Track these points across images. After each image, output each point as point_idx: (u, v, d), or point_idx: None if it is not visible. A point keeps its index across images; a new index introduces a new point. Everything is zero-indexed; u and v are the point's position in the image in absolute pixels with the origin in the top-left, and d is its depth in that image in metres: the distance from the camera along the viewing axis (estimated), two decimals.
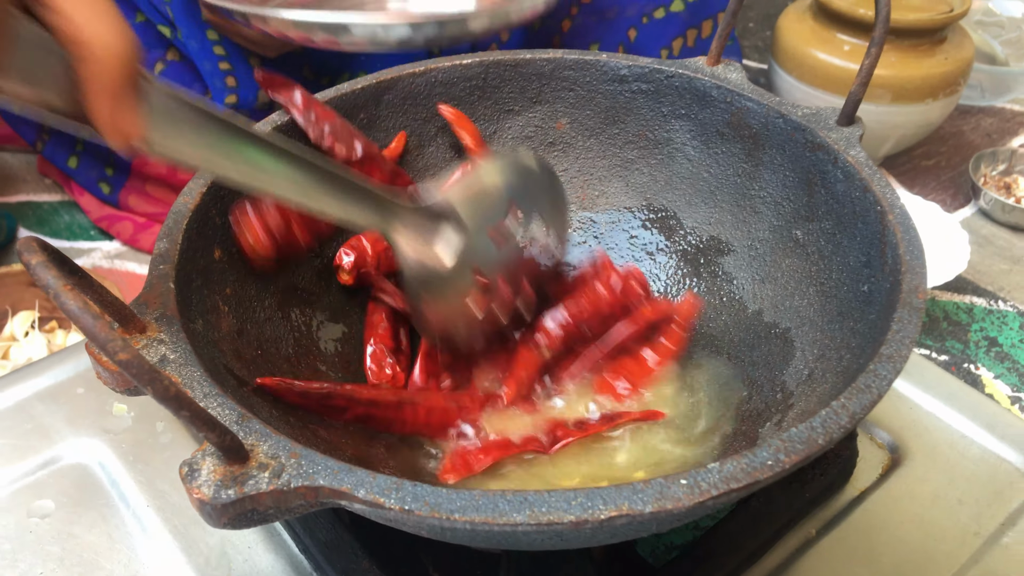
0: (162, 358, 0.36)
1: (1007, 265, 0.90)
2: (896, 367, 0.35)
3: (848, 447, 0.51)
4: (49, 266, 0.29)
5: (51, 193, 0.97)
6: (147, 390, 0.28)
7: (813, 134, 0.48)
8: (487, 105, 0.58)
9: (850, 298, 0.44)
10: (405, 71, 0.55)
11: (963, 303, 0.85)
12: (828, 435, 0.33)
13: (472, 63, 0.56)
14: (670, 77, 0.55)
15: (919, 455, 0.54)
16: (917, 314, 0.37)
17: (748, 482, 0.31)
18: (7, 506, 0.51)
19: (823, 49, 0.91)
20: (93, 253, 0.88)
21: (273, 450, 0.32)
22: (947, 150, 1.08)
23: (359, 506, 0.31)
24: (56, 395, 0.57)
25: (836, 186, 0.47)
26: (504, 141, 0.59)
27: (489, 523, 0.30)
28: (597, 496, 0.30)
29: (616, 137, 0.58)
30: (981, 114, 1.15)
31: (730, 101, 0.53)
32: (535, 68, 0.57)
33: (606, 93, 0.57)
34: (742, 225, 0.54)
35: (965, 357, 0.79)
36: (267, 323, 0.48)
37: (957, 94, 0.93)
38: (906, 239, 0.41)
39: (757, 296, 0.52)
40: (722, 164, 0.55)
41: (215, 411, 0.34)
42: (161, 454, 0.53)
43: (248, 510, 0.31)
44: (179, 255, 0.41)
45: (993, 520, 0.50)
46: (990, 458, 0.53)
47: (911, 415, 0.56)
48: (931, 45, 0.91)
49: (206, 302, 0.43)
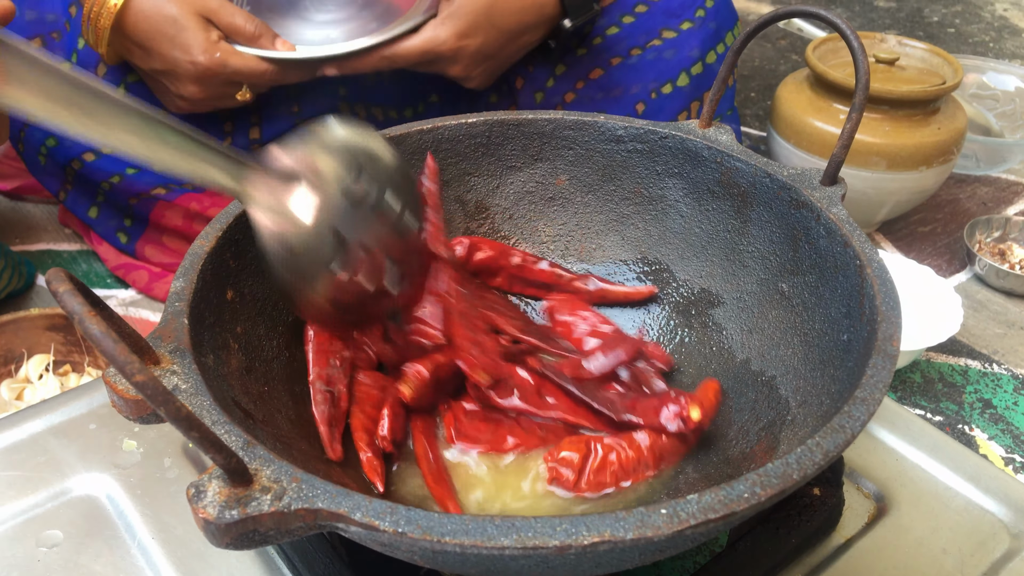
0: (174, 387, 0.38)
1: (1001, 329, 0.91)
2: (869, 409, 0.37)
3: (835, 495, 0.52)
4: (75, 294, 0.31)
5: (70, 242, 1.00)
6: (160, 411, 0.30)
7: (798, 192, 0.51)
8: (491, 161, 0.61)
9: (831, 347, 0.46)
10: (413, 128, 0.58)
11: (958, 365, 0.86)
12: (803, 471, 0.34)
13: (477, 122, 0.59)
14: (664, 138, 0.58)
15: (904, 505, 0.55)
16: (891, 360, 0.39)
17: (725, 512, 0.32)
18: (17, 535, 0.52)
19: (819, 118, 0.95)
20: (109, 300, 0.91)
21: (276, 474, 0.34)
22: (943, 217, 1.11)
23: (355, 529, 0.33)
24: (69, 430, 0.59)
25: (819, 241, 0.49)
26: (507, 195, 0.62)
27: (478, 546, 0.31)
28: (581, 523, 0.31)
29: (613, 193, 0.61)
30: (977, 183, 1.18)
31: (720, 161, 0.55)
32: (537, 128, 0.60)
33: (603, 152, 0.60)
34: (731, 278, 0.56)
35: (960, 418, 0.80)
36: (274, 361, 0.50)
37: (951, 162, 0.96)
38: (883, 291, 0.43)
39: (745, 346, 0.54)
40: (713, 220, 0.57)
41: (223, 436, 0.35)
42: (167, 488, 0.55)
43: (250, 530, 0.33)
44: (194, 294, 0.43)
45: (976, 569, 0.51)
46: (974, 509, 0.54)
47: (897, 466, 0.57)
48: (925, 115, 0.94)
49: (217, 339, 0.45)
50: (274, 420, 0.46)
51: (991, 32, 1.69)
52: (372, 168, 0.51)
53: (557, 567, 0.36)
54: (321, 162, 0.48)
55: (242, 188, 0.46)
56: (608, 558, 0.35)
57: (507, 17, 0.76)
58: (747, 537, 0.49)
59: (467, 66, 0.78)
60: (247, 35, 0.73)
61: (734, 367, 0.53)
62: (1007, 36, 1.67)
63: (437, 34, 0.74)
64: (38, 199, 1.06)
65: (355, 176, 0.50)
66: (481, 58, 0.78)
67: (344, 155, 0.49)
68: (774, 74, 1.50)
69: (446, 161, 0.60)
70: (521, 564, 0.35)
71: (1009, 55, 1.59)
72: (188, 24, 0.71)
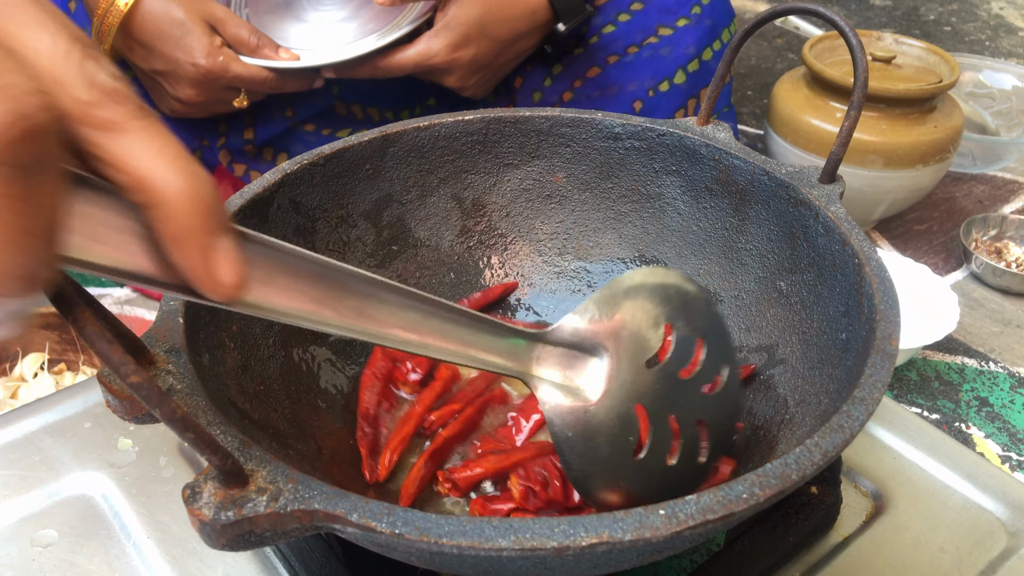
0: (169, 388, 0.37)
1: (998, 327, 0.91)
2: (868, 409, 0.37)
3: (832, 493, 0.52)
4: (69, 293, 0.30)
5: None
6: (155, 412, 0.29)
7: (796, 191, 0.51)
8: (488, 158, 0.61)
9: (829, 346, 0.46)
10: (410, 125, 0.58)
11: (955, 364, 0.86)
12: (801, 471, 0.34)
13: (474, 119, 0.59)
14: (662, 135, 0.57)
15: (902, 503, 0.55)
16: (890, 359, 0.39)
17: (724, 514, 0.32)
18: (12, 535, 0.52)
19: (816, 116, 0.95)
20: (104, 299, 0.90)
21: (272, 475, 0.33)
22: (939, 215, 1.11)
23: (352, 530, 0.32)
24: (63, 429, 0.59)
25: (817, 240, 0.49)
26: (504, 193, 0.62)
27: (476, 547, 0.31)
28: (579, 524, 0.31)
29: (610, 191, 0.61)
30: (973, 181, 1.18)
31: (718, 159, 0.55)
32: (534, 125, 0.60)
33: (601, 150, 0.60)
34: (729, 276, 0.56)
35: (956, 416, 0.80)
36: (270, 360, 0.49)
37: (947, 161, 0.96)
38: (881, 289, 0.42)
39: (743, 345, 0.54)
40: (711, 218, 0.57)
41: (218, 437, 0.35)
42: (163, 487, 0.55)
43: (246, 531, 0.32)
44: None
45: (974, 568, 0.51)
46: (971, 507, 0.54)
47: (895, 464, 0.57)
48: (921, 114, 0.94)
49: (213, 338, 0.45)
50: (270, 420, 0.45)
51: (987, 30, 1.69)
52: (679, 320, 0.43)
53: (555, 568, 0.35)
54: (619, 325, 0.42)
55: (527, 368, 0.41)
56: (606, 559, 0.35)
57: (499, 26, 0.76)
58: (745, 536, 0.49)
59: (462, 76, 0.78)
60: (251, 47, 0.74)
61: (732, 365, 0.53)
62: (1003, 34, 1.67)
63: (431, 46, 0.75)
64: None
65: (659, 336, 0.42)
66: (476, 68, 0.78)
67: (645, 311, 0.42)
68: (771, 72, 1.50)
69: (443, 158, 0.60)
70: (519, 565, 0.35)
71: (1005, 53, 1.59)
72: (194, 28, 0.72)
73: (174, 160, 0.27)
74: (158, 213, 0.27)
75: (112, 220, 0.28)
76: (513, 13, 0.77)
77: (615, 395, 0.42)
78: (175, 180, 0.27)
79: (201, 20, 0.73)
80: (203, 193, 0.27)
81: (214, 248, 0.28)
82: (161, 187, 0.26)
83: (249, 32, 0.74)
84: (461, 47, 0.75)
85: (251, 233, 0.32)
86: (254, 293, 0.32)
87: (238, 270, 0.29)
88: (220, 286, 0.29)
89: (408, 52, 0.75)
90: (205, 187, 0.27)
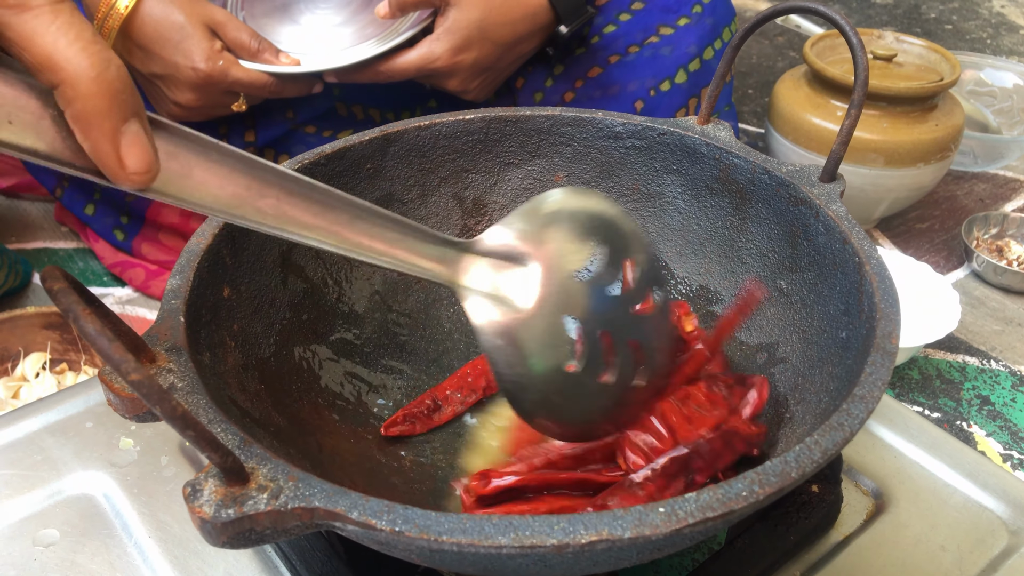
0: (170, 386, 0.38)
1: (999, 326, 0.91)
2: (868, 407, 0.37)
3: (833, 492, 0.52)
4: (70, 292, 0.30)
5: (67, 240, 1.00)
6: (156, 410, 0.29)
7: (796, 189, 0.51)
8: (488, 158, 0.61)
9: (829, 344, 0.46)
10: (411, 124, 0.58)
11: (956, 362, 0.86)
12: (801, 469, 0.34)
13: (474, 118, 0.59)
14: (662, 135, 0.57)
15: (903, 502, 0.55)
16: (890, 358, 0.39)
17: (723, 511, 0.32)
18: (14, 534, 0.52)
19: (817, 114, 0.95)
20: (105, 299, 0.90)
21: (272, 473, 0.34)
22: (941, 214, 1.11)
23: (352, 527, 0.33)
24: (65, 429, 0.59)
25: (818, 238, 0.49)
26: (505, 192, 0.62)
27: (475, 545, 0.31)
28: (579, 521, 0.31)
29: (611, 190, 0.61)
30: (974, 179, 1.18)
31: (719, 158, 0.55)
32: (534, 124, 0.60)
33: (601, 149, 0.60)
34: (730, 275, 0.56)
35: (958, 415, 0.80)
36: (271, 359, 0.49)
37: (948, 159, 0.96)
38: (882, 288, 0.42)
39: (743, 343, 0.54)
40: (711, 217, 0.57)
41: (219, 435, 0.35)
42: (164, 487, 0.55)
43: (246, 529, 0.33)
44: (190, 291, 0.43)
45: (974, 566, 0.51)
46: (972, 506, 0.54)
47: (895, 463, 0.57)
48: (922, 112, 0.94)
49: (214, 336, 0.45)
50: (271, 418, 0.45)
51: (988, 28, 1.68)
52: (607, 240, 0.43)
53: (555, 566, 0.35)
54: (547, 237, 0.42)
55: (455, 277, 0.41)
56: (606, 557, 0.35)
57: (500, 29, 0.76)
58: (746, 534, 0.49)
59: (464, 80, 0.78)
60: (251, 51, 0.74)
61: (732, 366, 0.53)
62: (1004, 32, 1.67)
63: (432, 50, 0.75)
64: (34, 197, 1.06)
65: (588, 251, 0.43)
66: (478, 71, 0.78)
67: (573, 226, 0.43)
68: (772, 71, 1.50)
69: (444, 158, 0.60)
70: (519, 563, 0.35)
71: (1007, 51, 1.59)
72: (194, 32, 0.72)
73: (80, 40, 0.27)
74: (63, 93, 0.27)
75: (25, 102, 0.28)
76: (514, 16, 0.77)
77: (545, 305, 0.42)
78: (80, 60, 0.27)
79: (201, 24, 0.73)
80: (110, 76, 0.27)
81: (122, 132, 0.28)
82: (63, 65, 0.27)
83: (250, 36, 0.74)
84: (463, 51, 0.75)
85: (168, 123, 0.31)
86: (168, 183, 0.32)
87: (146, 157, 0.29)
88: (128, 172, 0.29)
89: (410, 56, 0.75)
90: (113, 70, 0.27)
